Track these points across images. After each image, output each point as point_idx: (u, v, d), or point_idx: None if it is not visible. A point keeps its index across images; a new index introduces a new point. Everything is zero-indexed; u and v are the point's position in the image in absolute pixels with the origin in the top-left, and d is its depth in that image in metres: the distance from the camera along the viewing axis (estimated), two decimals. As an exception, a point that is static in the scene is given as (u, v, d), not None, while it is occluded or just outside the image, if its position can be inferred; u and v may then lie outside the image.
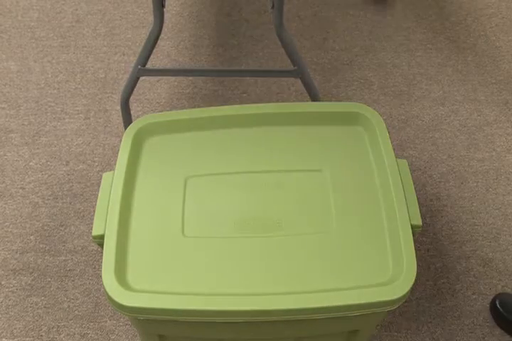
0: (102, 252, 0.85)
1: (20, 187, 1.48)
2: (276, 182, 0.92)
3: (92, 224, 0.88)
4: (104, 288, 0.81)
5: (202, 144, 0.98)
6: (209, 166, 0.95)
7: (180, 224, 0.88)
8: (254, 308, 0.79)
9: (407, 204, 0.88)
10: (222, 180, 0.93)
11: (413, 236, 0.86)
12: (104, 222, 0.87)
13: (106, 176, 0.94)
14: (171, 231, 0.87)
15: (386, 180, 0.91)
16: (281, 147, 0.97)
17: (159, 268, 0.83)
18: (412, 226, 0.87)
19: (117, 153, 0.96)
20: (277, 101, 1.65)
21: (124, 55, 1.77)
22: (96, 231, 0.88)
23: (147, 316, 0.81)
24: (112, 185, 0.91)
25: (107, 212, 0.88)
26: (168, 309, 0.79)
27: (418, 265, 1.34)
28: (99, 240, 0.87)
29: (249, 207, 0.89)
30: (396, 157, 0.94)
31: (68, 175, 1.51)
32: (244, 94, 1.67)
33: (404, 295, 0.80)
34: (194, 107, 1.63)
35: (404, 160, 0.96)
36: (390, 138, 0.96)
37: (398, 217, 0.86)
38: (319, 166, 0.94)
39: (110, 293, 0.80)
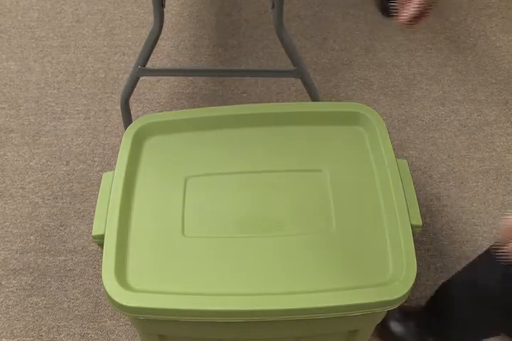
0: (102, 252, 0.84)
1: (20, 187, 1.48)
2: (276, 182, 0.92)
3: (92, 224, 0.88)
4: (104, 288, 0.81)
5: (202, 144, 0.97)
6: (209, 166, 0.95)
7: (180, 223, 0.88)
8: (254, 308, 0.79)
9: (407, 204, 0.88)
10: (222, 180, 0.93)
11: (413, 236, 0.86)
12: (104, 222, 0.87)
13: (106, 176, 0.94)
14: (171, 231, 0.87)
15: (386, 180, 0.91)
16: (281, 147, 0.97)
17: (159, 268, 0.83)
18: (412, 226, 0.87)
19: (117, 152, 0.96)
20: (277, 101, 1.66)
21: (124, 55, 1.77)
22: (96, 231, 0.88)
23: (147, 316, 0.81)
24: (111, 185, 0.91)
25: (107, 212, 0.88)
26: (168, 309, 0.79)
27: (418, 265, 1.34)
28: (99, 240, 0.87)
29: (250, 207, 0.89)
30: (396, 157, 0.94)
31: (68, 174, 1.51)
32: (244, 94, 1.67)
33: (404, 295, 0.80)
34: (194, 107, 1.63)
35: (404, 160, 0.96)
36: (390, 138, 0.96)
37: (398, 217, 0.86)
38: (319, 166, 0.94)
39: (110, 293, 0.80)
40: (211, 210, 0.89)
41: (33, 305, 1.30)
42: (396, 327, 1.20)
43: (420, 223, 0.88)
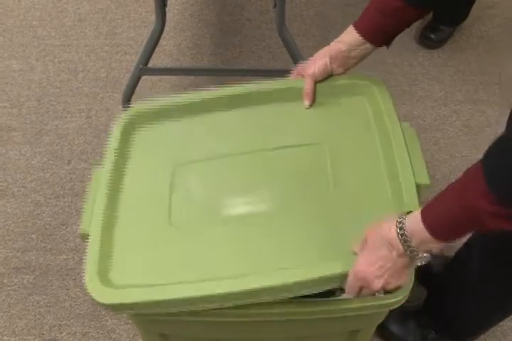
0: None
1: (22, 186, 1.49)
2: (274, 157, 0.88)
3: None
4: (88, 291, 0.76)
5: (193, 129, 0.94)
6: (199, 150, 0.91)
7: (167, 213, 0.83)
8: (242, 289, 0.74)
9: (411, 162, 0.83)
10: (213, 163, 0.89)
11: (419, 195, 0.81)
12: (90, 221, 0.83)
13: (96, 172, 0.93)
14: (158, 222, 0.83)
15: (388, 141, 0.87)
16: (282, 123, 0.93)
17: (147, 265, 0.79)
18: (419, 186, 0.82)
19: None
20: (279, 100, 1.65)
21: (125, 54, 1.77)
22: (83, 230, 0.84)
23: (137, 311, 0.76)
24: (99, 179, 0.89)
25: (92, 210, 0.84)
26: (150, 301, 0.74)
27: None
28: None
29: (241, 191, 0.85)
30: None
31: (70, 173, 1.51)
32: (246, 94, 1.67)
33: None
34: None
35: (407, 123, 0.91)
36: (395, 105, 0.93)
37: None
38: (319, 139, 0.90)
39: (94, 295, 0.75)
40: (199, 198, 0.85)
41: (34, 303, 1.30)
42: (396, 327, 1.20)
43: (428, 182, 0.83)
